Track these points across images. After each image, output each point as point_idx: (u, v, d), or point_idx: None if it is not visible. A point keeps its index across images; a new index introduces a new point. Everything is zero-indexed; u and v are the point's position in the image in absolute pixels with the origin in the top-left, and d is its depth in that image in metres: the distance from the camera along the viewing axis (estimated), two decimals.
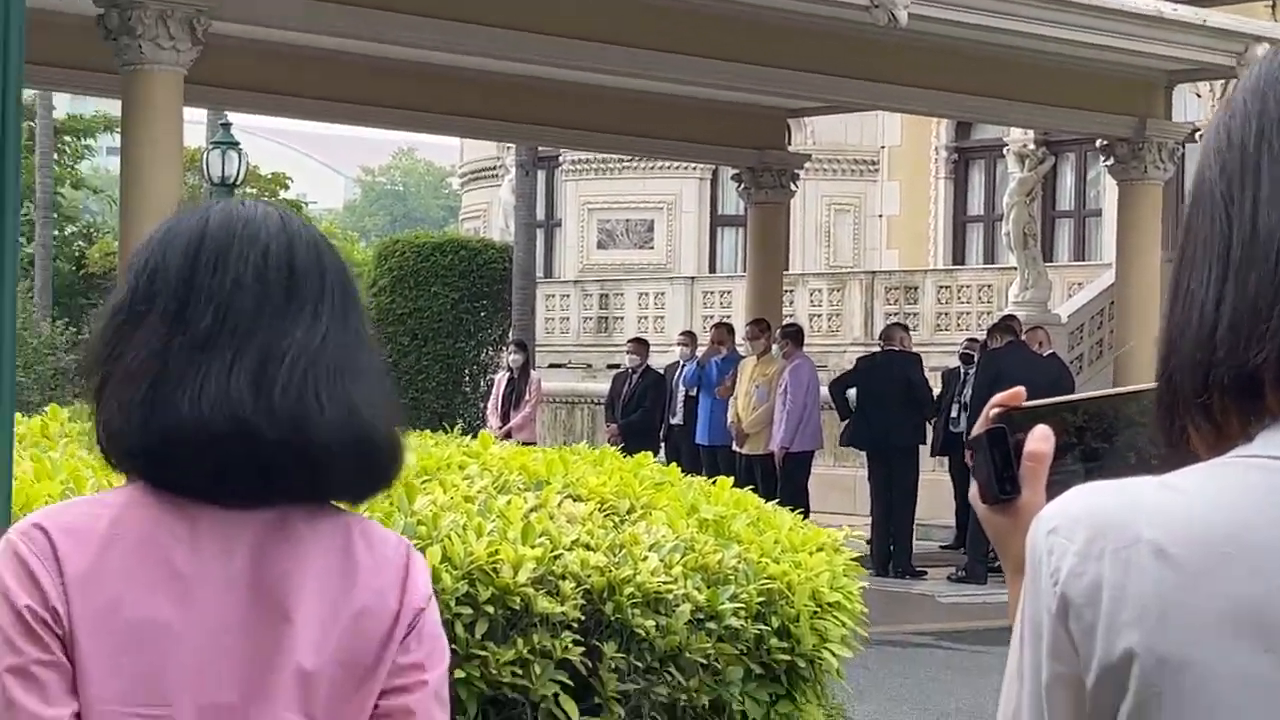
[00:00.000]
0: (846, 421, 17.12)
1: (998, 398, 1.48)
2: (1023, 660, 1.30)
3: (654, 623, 4.20)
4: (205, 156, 27.07)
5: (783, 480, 16.51)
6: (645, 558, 4.29)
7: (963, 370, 17.61)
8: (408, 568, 1.95)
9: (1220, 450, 1.29)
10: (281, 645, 1.90)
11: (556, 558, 4.17)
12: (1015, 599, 1.35)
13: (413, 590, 1.95)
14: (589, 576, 4.15)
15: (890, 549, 16.50)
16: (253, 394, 1.88)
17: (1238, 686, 1.21)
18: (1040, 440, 1.44)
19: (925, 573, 16.39)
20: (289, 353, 1.91)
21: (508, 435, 16.89)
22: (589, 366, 26.17)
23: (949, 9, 13.85)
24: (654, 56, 14.38)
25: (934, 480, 17.58)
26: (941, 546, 18.33)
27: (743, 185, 20.40)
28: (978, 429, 1.47)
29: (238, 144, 26.55)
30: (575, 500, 4.74)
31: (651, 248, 29.80)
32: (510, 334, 21.54)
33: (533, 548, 4.14)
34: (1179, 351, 1.30)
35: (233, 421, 1.87)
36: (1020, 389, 1.48)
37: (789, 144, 21.30)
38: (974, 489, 1.49)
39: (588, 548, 4.28)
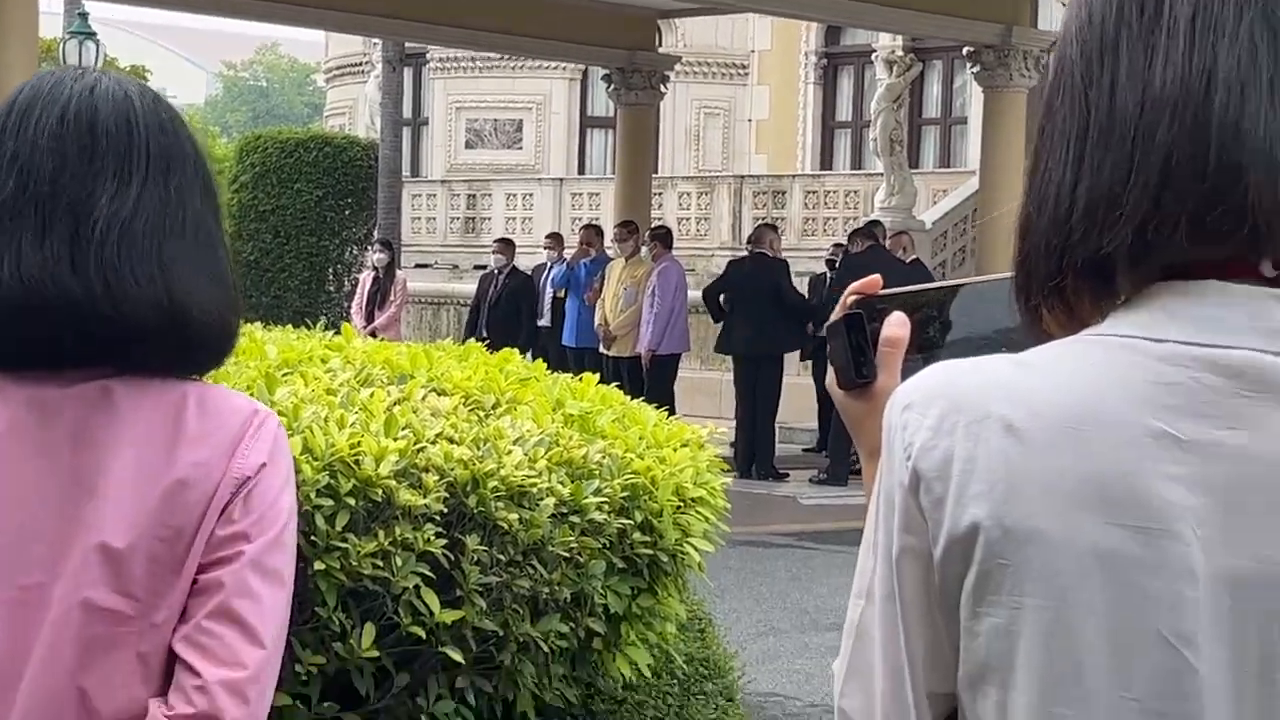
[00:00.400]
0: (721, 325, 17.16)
1: (855, 285, 1.49)
2: (876, 534, 1.31)
3: (517, 516, 4.18)
4: (62, 47, 26.49)
5: (649, 382, 16.55)
6: (509, 451, 4.26)
7: (829, 276, 17.71)
8: (244, 435, 1.88)
9: (1073, 330, 1.30)
10: (85, 521, 1.83)
11: (420, 450, 4.14)
12: (871, 480, 1.36)
13: (242, 457, 1.87)
14: (452, 469, 4.13)
15: (754, 451, 16.61)
16: (69, 265, 1.82)
17: (1079, 558, 1.22)
18: (896, 325, 1.45)
19: (788, 475, 16.53)
20: (98, 221, 1.84)
21: (372, 334, 16.78)
22: (455, 267, 26.03)
23: None
24: None
25: (798, 384, 17.70)
26: (804, 449, 18.48)
27: (612, 86, 20.33)
28: (835, 316, 1.48)
29: (95, 34, 25.99)
30: (440, 394, 4.70)
31: (520, 148, 29.63)
32: (375, 233, 21.36)
33: (395, 440, 4.10)
34: (1035, 232, 1.29)
35: (55, 291, 1.81)
36: (877, 277, 1.49)
37: (659, 46, 21.22)
38: (830, 376, 1.49)
39: (451, 441, 4.25)
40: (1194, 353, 1.23)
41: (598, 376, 5.45)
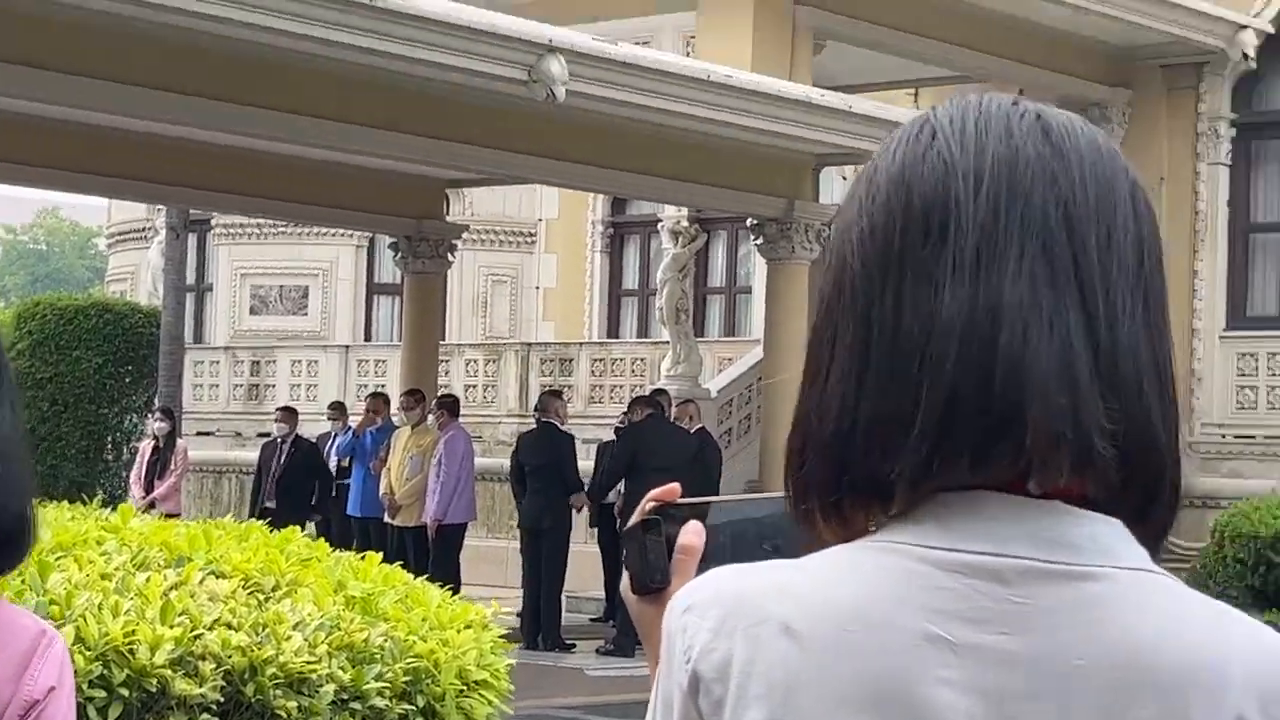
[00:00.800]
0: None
1: (654, 492, 1.50)
2: None
3: (296, 704, 4.11)
4: None
5: (434, 552, 16.43)
6: (289, 637, 4.20)
7: (615, 444, 17.78)
8: (32, 657, 1.85)
9: (847, 538, 1.32)
10: None
11: (197, 637, 4.06)
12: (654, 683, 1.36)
13: (30, 680, 1.84)
14: (230, 656, 4.05)
15: (539, 622, 16.51)
16: None
17: None
18: (692, 534, 1.46)
19: (574, 645, 16.43)
20: None
21: (151, 505, 16.47)
22: (238, 435, 25.69)
23: (606, 86, 14.04)
24: (310, 123, 14.25)
25: (584, 552, 17.67)
26: (591, 619, 18.41)
27: (400, 254, 20.33)
28: (633, 520, 1.49)
29: None
30: (218, 577, 4.62)
31: (306, 314, 29.45)
32: (156, 400, 21.02)
33: (171, 627, 4.02)
34: (814, 444, 1.31)
35: None
36: (675, 486, 1.51)
37: (447, 214, 21.31)
38: (624, 580, 1.50)
39: (230, 627, 4.17)
40: (966, 559, 1.26)
41: (382, 555, 5.40)
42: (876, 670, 1.24)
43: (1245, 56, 19.69)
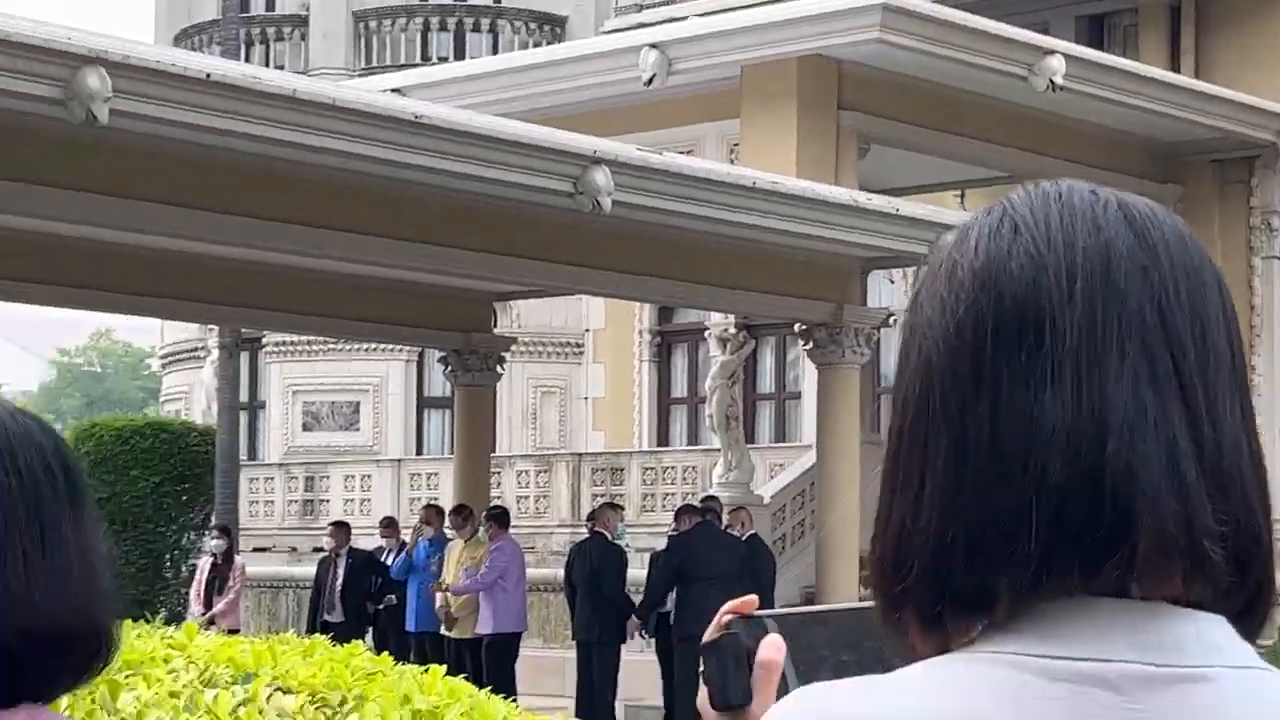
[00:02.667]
0: None
1: (731, 605, 1.46)
2: None
3: None
4: None
5: (488, 664, 16.40)
6: None
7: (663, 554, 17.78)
8: None
9: (942, 649, 1.28)
10: None
11: None
12: None
13: None
14: None
15: None
16: (88, 602, 1.88)
17: None
18: (772, 649, 1.42)
19: None
20: (96, 559, 1.92)
21: (211, 622, 16.52)
22: (294, 550, 25.76)
23: (651, 196, 14.14)
24: (359, 240, 14.37)
25: (641, 661, 17.61)
26: None
27: (449, 368, 20.43)
28: (710, 634, 1.46)
29: None
30: (285, 693, 4.64)
31: (358, 430, 29.58)
32: (213, 518, 21.12)
33: None
34: (912, 554, 1.27)
35: (66, 624, 1.86)
36: (753, 597, 1.47)
37: (495, 327, 21.43)
38: (703, 695, 1.49)
39: None
40: (1075, 667, 1.22)
41: (445, 668, 5.40)
42: None
43: None
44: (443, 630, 17.31)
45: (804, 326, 17.89)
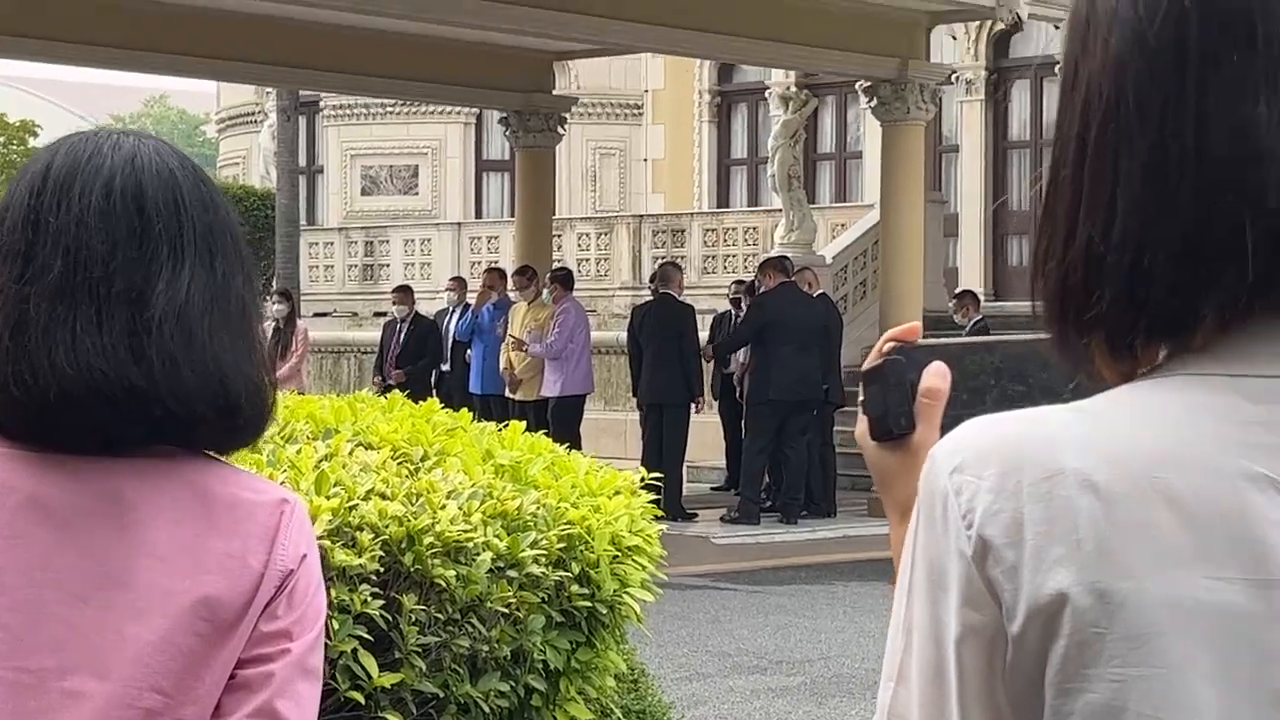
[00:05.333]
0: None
1: (893, 332, 1.39)
2: (910, 610, 1.19)
3: (454, 573, 4.07)
4: None
5: (554, 425, 16.44)
6: (444, 506, 4.15)
7: (733, 314, 17.70)
8: (279, 525, 1.79)
9: (1130, 376, 1.19)
10: (114, 607, 1.74)
11: (352, 508, 4.03)
12: (900, 545, 1.25)
13: (280, 550, 1.78)
14: (387, 526, 4.01)
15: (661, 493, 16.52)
16: (129, 354, 1.74)
17: (1187, 619, 1.11)
18: (937, 376, 1.36)
19: (696, 515, 16.44)
20: (155, 309, 1.76)
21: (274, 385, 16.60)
22: (355, 315, 25.83)
23: None
24: None
25: (705, 422, 17.64)
26: (712, 488, 18.42)
27: (509, 129, 20.26)
28: (870, 362, 1.39)
29: None
30: (366, 448, 4.59)
31: (416, 193, 29.49)
32: (274, 283, 21.14)
33: (328, 498, 3.99)
34: (1104, 277, 1.16)
35: (118, 381, 1.73)
36: (916, 324, 1.41)
37: (554, 88, 21.19)
38: (861, 425, 1.41)
39: (384, 497, 4.14)
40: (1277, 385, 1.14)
41: (523, 425, 5.35)
42: (1197, 518, 1.11)
43: None
44: (507, 392, 17.34)
45: (868, 84, 17.60)
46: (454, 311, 18.50)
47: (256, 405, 1.82)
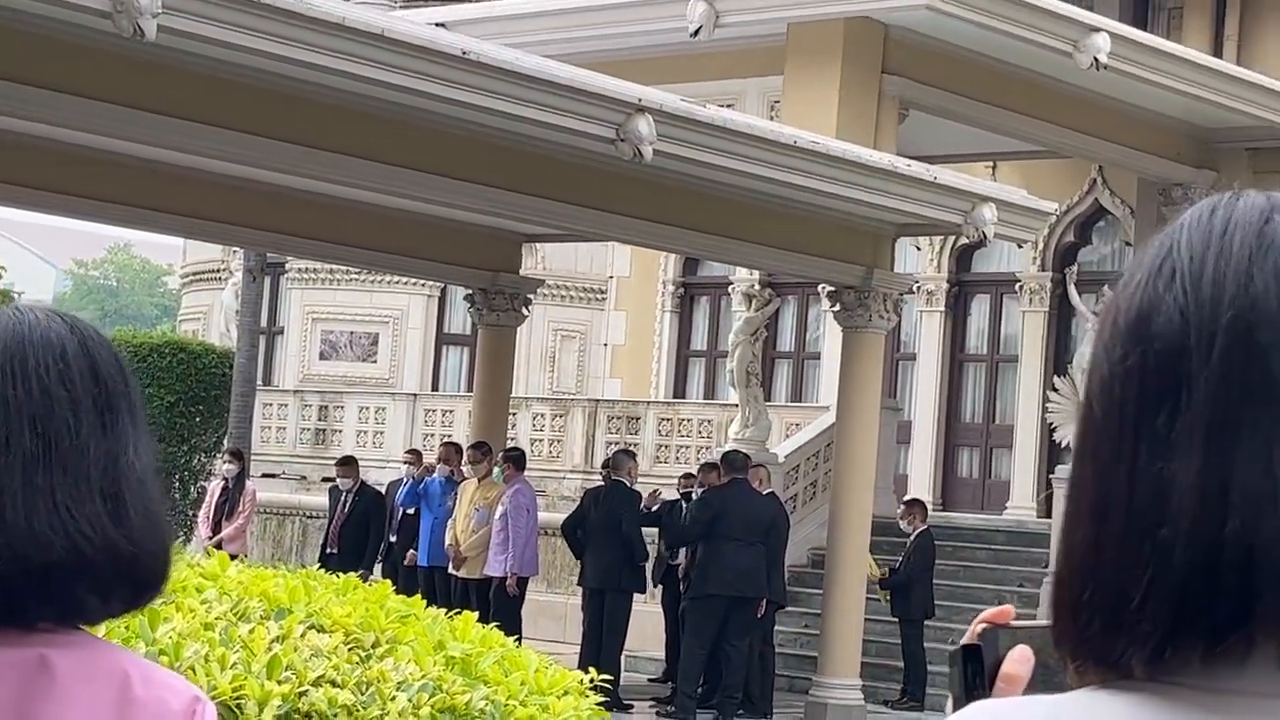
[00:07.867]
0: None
1: (987, 614, 1.43)
2: None
3: None
4: None
5: (496, 606, 16.36)
6: (394, 697, 4.16)
7: (682, 506, 17.72)
8: None
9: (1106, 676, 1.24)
10: None
11: (302, 694, 4.03)
12: None
13: None
14: (335, 715, 4.01)
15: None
16: (110, 520, 1.77)
17: None
18: (1018, 663, 1.38)
19: (632, 706, 16.33)
20: (121, 474, 1.80)
21: (218, 545, 16.51)
22: (303, 478, 25.73)
23: (693, 148, 14.04)
24: (392, 171, 14.27)
25: (645, 611, 17.58)
26: (649, 679, 18.31)
27: (474, 306, 20.36)
28: (964, 640, 1.43)
29: None
30: (319, 631, 4.59)
31: (375, 361, 29.53)
32: (226, 441, 21.09)
33: (279, 684, 3.99)
34: (1063, 600, 1.24)
35: (102, 547, 1.76)
36: (1009, 607, 1.44)
37: (521, 268, 21.34)
38: (950, 706, 1.46)
39: (334, 684, 4.14)
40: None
41: (476, 615, 5.36)
42: None
43: None
44: (450, 569, 17.28)
45: (832, 289, 17.79)
46: (406, 482, 18.48)
47: (161, 564, 1.83)
